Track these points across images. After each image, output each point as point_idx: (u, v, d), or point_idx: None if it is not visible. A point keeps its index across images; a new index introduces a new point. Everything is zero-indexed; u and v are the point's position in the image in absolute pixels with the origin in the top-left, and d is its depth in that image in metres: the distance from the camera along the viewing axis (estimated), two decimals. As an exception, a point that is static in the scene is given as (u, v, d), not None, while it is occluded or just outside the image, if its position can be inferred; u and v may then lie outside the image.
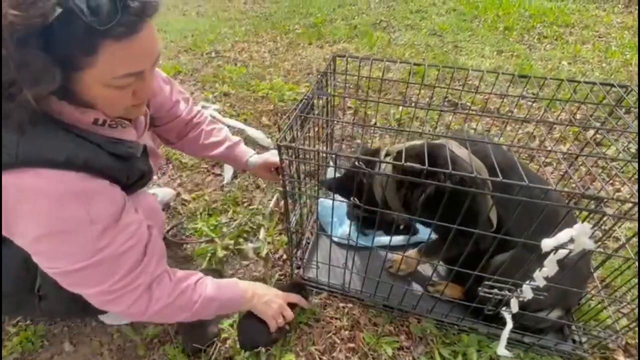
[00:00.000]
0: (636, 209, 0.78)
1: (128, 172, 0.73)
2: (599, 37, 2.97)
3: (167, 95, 1.04)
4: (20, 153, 0.56)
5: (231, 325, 1.06)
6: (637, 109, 0.89)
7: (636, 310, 0.86)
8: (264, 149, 1.79)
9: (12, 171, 0.57)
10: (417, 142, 0.98)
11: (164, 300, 0.76)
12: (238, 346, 0.99)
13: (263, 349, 0.99)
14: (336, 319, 1.08)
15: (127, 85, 0.63)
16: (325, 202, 1.36)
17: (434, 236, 0.99)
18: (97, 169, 0.64)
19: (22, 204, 0.59)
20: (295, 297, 1.02)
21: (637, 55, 2.57)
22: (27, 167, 0.57)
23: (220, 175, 1.66)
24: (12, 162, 0.56)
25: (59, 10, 0.48)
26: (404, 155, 0.70)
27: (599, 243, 1.01)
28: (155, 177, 1.63)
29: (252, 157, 1.18)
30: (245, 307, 0.95)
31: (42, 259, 0.65)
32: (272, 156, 1.16)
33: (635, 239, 0.97)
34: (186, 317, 0.83)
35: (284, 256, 1.27)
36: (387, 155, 0.98)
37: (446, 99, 2.05)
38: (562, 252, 0.67)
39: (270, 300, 0.96)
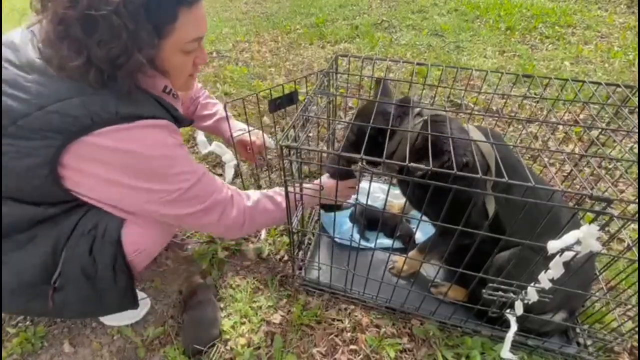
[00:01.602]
0: (643, 210, 0.77)
1: None
2: (602, 38, 2.95)
3: None
4: (120, 112, 0.66)
5: (232, 327, 1.05)
6: (642, 110, 0.88)
7: (642, 313, 0.85)
8: (266, 148, 1.78)
9: (115, 125, 0.66)
10: (441, 115, 0.96)
11: (256, 196, 0.92)
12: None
13: (263, 352, 0.98)
14: (338, 320, 1.07)
15: (193, 50, 0.75)
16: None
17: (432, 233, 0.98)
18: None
19: (144, 140, 0.70)
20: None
21: (638, 56, 2.55)
22: (125, 122, 0.67)
23: (221, 175, 1.65)
24: (112, 119, 0.66)
25: None
26: (408, 149, 0.69)
27: (605, 245, 1.00)
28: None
29: (235, 132, 1.21)
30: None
31: (172, 182, 0.75)
32: (251, 135, 1.22)
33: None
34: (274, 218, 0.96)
35: (286, 257, 1.26)
36: (418, 115, 0.96)
37: (449, 99, 2.04)
38: (569, 254, 0.66)
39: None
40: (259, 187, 1.56)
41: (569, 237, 0.64)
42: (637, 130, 0.87)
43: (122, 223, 0.81)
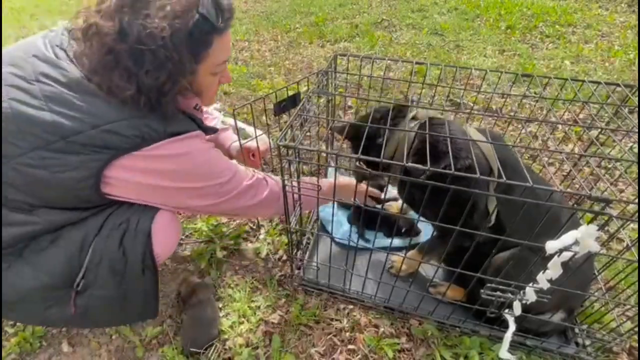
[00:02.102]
0: (641, 210, 0.77)
1: None
2: (602, 37, 2.94)
3: None
4: (167, 130, 0.74)
5: (231, 327, 1.05)
6: (642, 109, 0.88)
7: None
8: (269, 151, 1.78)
9: (163, 141, 0.73)
10: (440, 117, 0.96)
11: (269, 189, 0.95)
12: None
13: (261, 351, 0.98)
14: (336, 320, 1.07)
15: (220, 72, 0.84)
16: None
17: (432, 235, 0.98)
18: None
19: (184, 151, 0.78)
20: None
21: (638, 55, 2.55)
22: (171, 137, 0.74)
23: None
24: (161, 137, 0.73)
25: (197, 16, 0.67)
26: (406, 151, 0.69)
27: (604, 245, 1.00)
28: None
29: (235, 143, 1.21)
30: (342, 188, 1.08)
31: (214, 178, 0.83)
32: (250, 143, 1.20)
33: (640, 241, 0.95)
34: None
35: (284, 257, 1.26)
36: (413, 119, 0.96)
37: (448, 99, 2.03)
38: (567, 255, 0.66)
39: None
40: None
41: (568, 238, 0.63)
42: (636, 130, 0.87)
43: (154, 216, 0.84)
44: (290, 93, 1.03)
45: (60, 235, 0.79)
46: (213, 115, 1.26)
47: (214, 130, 0.93)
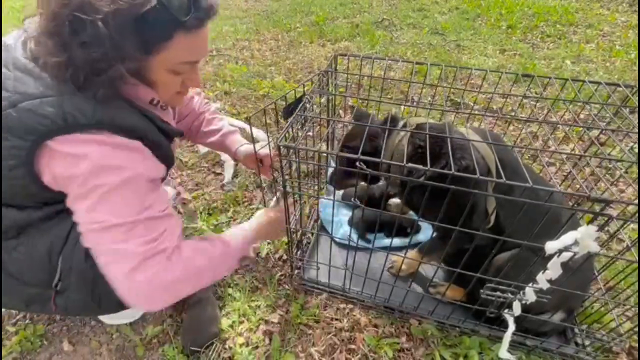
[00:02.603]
0: (641, 211, 0.77)
1: (167, 152, 0.80)
2: (603, 36, 2.94)
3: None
4: (97, 116, 0.64)
5: (231, 326, 1.06)
6: (642, 109, 0.88)
7: (641, 314, 0.85)
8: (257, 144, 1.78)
9: (88, 130, 0.64)
10: (437, 123, 0.96)
11: (185, 262, 0.75)
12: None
13: (261, 351, 0.98)
14: (336, 320, 1.07)
15: (182, 73, 0.74)
16: (326, 202, 1.35)
17: (433, 236, 0.98)
18: (151, 141, 0.73)
19: (92, 154, 0.65)
20: None
21: (639, 55, 2.54)
22: (100, 128, 0.65)
23: (220, 174, 1.65)
24: (88, 123, 0.64)
25: (153, 2, 0.59)
26: (406, 154, 0.69)
27: (604, 245, 1.00)
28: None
29: (242, 147, 1.18)
30: (258, 236, 0.96)
31: (94, 209, 0.67)
32: (259, 149, 1.16)
33: (640, 241, 0.95)
34: (210, 277, 0.82)
35: (284, 256, 1.27)
36: (404, 126, 0.96)
37: (448, 99, 2.03)
38: (567, 255, 0.66)
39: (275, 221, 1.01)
40: (258, 187, 1.57)
41: (567, 238, 0.64)
42: (637, 131, 0.87)
43: None
44: (297, 95, 1.03)
45: (24, 242, 0.75)
46: (220, 116, 1.24)
47: (178, 133, 0.85)
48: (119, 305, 0.86)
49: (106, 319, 1.06)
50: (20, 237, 0.76)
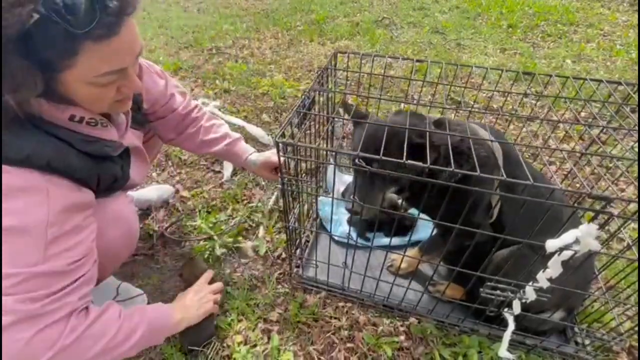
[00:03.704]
0: (642, 209, 0.76)
1: (99, 173, 0.71)
2: (604, 36, 2.93)
3: (162, 90, 1.03)
4: None
5: (229, 325, 1.05)
6: (644, 107, 0.87)
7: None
8: (264, 146, 1.78)
9: None
10: (441, 117, 0.94)
11: (79, 330, 0.64)
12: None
13: (260, 349, 0.98)
14: (335, 318, 1.07)
15: (110, 83, 0.63)
16: (325, 200, 1.35)
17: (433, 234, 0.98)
18: (61, 169, 0.62)
19: None
20: (216, 286, 1.03)
21: (639, 54, 2.54)
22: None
23: (219, 172, 1.64)
24: None
25: (35, 16, 0.48)
26: (406, 152, 0.68)
27: (605, 244, 1.00)
28: (154, 174, 1.62)
29: (252, 155, 1.14)
30: (178, 325, 0.87)
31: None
32: (273, 155, 1.09)
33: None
34: (99, 352, 0.67)
35: (283, 255, 1.26)
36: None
37: (449, 97, 2.03)
38: (567, 253, 0.65)
39: (201, 298, 0.96)
40: (257, 185, 1.56)
41: (568, 236, 0.63)
42: (638, 129, 0.86)
43: None
44: (289, 89, 1.03)
45: None
46: (218, 121, 1.17)
47: (101, 155, 0.70)
48: None
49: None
50: None
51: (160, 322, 0.83)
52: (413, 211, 1.27)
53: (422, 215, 1.08)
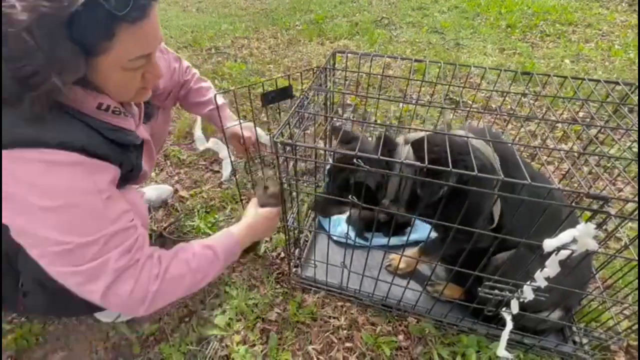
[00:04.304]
0: (640, 209, 0.77)
1: (122, 161, 0.74)
2: (603, 36, 2.94)
3: (167, 67, 1.08)
4: (17, 133, 0.59)
5: (228, 324, 1.05)
6: (641, 107, 0.88)
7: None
8: (264, 145, 1.77)
9: (15, 150, 0.59)
10: (437, 134, 0.93)
11: (165, 273, 0.73)
12: None
13: (258, 349, 0.97)
14: (334, 318, 1.07)
15: (139, 67, 0.68)
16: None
17: (433, 234, 0.98)
18: (93, 154, 0.66)
19: (30, 176, 0.60)
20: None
21: (638, 54, 2.54)
22: (29, 147, 0.60)
23: (218, 172, 1.64)
24: (8, 142, 0.58)
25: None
26: (426, 155, 0.68)
27: (602, 244, 1.00)
28: (152, 174, 1.62)
29: (229, 124, 1.16)
30: (243, 246, 0.92)
31: (50, 234, 0.62)
32: (244, 129, 1.12)
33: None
34: (190, 284, 0.78)
35: (282, 254, 1.26)
36: (405, 143, 0.94)
37: (447, 97, 2.03)
38: (565, 253, 0.66)
39: (267, 228, 1.00)
40: (256, 184, 1.56)
41: (565, 236, 0.63)
42: (636, 129, 0.86)
43: None
44: (281, 85, 1.02)
45: None
46: (206, 84, 1.24)
47: (136, 141, 0.77)
48: (91, 309, 0.84)
49: (102, 316, 1.06)
50: None
51: (233, 251, 0.89)
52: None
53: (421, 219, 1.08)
